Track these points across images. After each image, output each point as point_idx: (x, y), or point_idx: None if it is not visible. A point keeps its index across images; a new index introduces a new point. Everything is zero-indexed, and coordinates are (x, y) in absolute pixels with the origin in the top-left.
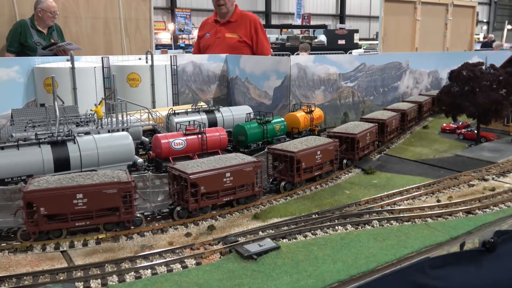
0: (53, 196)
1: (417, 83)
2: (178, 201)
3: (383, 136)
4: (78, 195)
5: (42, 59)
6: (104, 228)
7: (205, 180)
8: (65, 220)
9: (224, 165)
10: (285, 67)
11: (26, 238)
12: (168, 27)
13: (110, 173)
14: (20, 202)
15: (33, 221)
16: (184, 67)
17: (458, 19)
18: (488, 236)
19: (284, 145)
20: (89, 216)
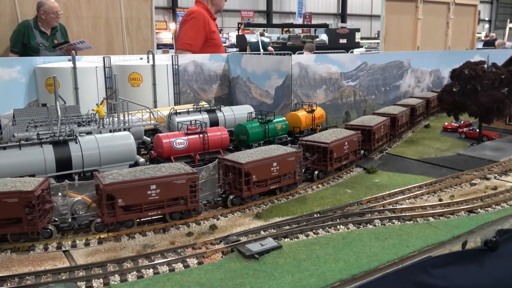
0: (130, 188)
1: (418, 82)
2: (231, 190)
3: (394, 129)
4: (152, 186)
5: (44, 59)
6: (171, 217)
7: (257, 169)
8: (139, 210)
9: (271, 155)
10: (286, 66)
11: (101, 229)
12: (170, 27)
13: (174, 165)
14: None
15: (112, 213)
16: (186, 66)
17: (460, 17)
18: (490, 235)
19: (315, 137)
20: (161, 206)
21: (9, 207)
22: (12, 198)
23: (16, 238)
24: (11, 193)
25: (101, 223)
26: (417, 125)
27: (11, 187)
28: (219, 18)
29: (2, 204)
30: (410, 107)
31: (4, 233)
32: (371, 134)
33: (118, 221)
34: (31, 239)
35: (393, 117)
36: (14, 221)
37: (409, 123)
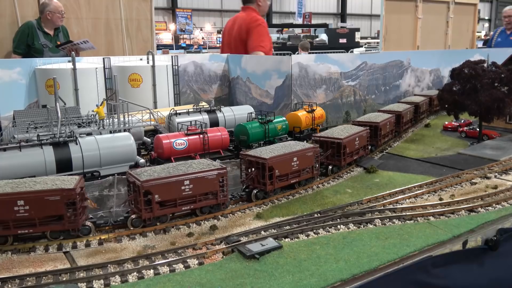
0: (166, 184)
1: (418, 82)
2: (254, 184)
3: (399, 126)
4: (186, 181)
5: (44, 60)
6: (201, 211)
7: (279, 164)
8: (174, 205)
9: (292, 150)
10: (286, 66)
11: (137, 225)
12: (169, 27)
13: (203, 161)
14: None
15: (148, 208)
16: (186, 67)
17: (460, 17)
18: (491, 234)
19: (327, 133)
20: (193, 200)
21: (51, 205)
22: (54, 196)
23: (55, 236)
24: (53, 191)
25: (137, 218)
26: (421, 122)
27: (52, 185)
28: (219, 19)
29: (44, 202)
30: (414, 105)
31: (45, 231)
32: (378, 130)
33: (155, 216)
34: (71, 236)
35: (398, 114)
36: (55, 218)
37: (413, 120)
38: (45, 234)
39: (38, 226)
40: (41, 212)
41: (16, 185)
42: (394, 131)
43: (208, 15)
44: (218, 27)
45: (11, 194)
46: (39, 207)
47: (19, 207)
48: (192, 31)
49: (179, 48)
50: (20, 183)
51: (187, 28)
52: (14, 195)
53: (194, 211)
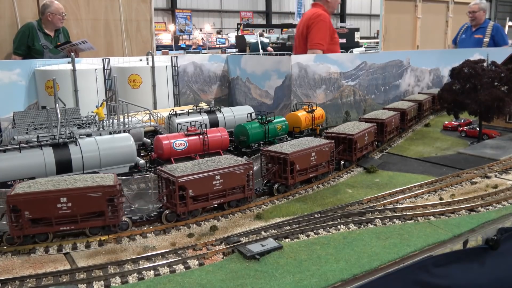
0: (199, 179)
1: (418, 81)
2: (275, 179)
3: (404, 123)
4: (217, 176)
5: (44, 61)
6: (229, 205)
7: (299, 159)
8: (206, 199)
9: (310, 146)
10: (286, 66)
11: (171, 219)
12: (169, 28)
13: (229, 157)
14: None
15: (183, 203)
16: (185, 67)
17: (459, 16)
18: (491, 233)
19: (338, 129)
20: (223, 194)
21: (93, 201)
22: (96, 192)
23: (95, 232)
24: (95, 187)
25: (172, 213)
26: (424, 119)
27: (92, 183)
28: (218, 19)
29: (86, 199)
30: (418, 102)
31: (86, 227)
32: (384, 127)
33: (189, 210)
34: (111, 232)
35: (403, 111)
36: (96, 215)
37: (416, 118)
38: (84, 231)
39: (80, 222)
40: (83, 209)
41: (58, 183)
42: (399, 128)
43: (208, 16)
44: (217, 27)
45: (55, 191)
46: (81, 204)
47: (62, 204)
48: (191, 32)
49: (178, 48)
50: (61, 181)
51: (187, 29)
52: (57, 192)
53: (223, 205)
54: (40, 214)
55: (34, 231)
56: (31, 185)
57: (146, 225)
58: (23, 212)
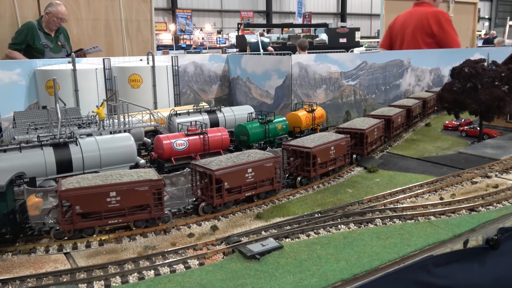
0: (234, 172)
1: (419, 81)
2: (298, 172)
3: (409, 119)
4: (249, 169)
5: (44, 61)
6: (258, 196)
7: (321, 153)
8: (239, 191)
9: (329, 140)
10: (286, 66)
11: (208, 211)
12: (169, 28)
13: (257, 151)
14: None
15: (219, 195)
16: (186, 67)
17: (460, 16)
18: (492, 233)
19: (350, 124)
20: (254, 187)
21: (140, 195)
22: (143, 186)
23: (139, 224)
24: (142, 181)
25: (208, 205)
26: (428, 116)
27: (137, 177)
28: (218, 19)
29: (134, 193)
30: (422, 100)
31: (132, 220)
32: (391, 123)
33: (224, 202)
34: (155, 224)
35: (408, 108)
36: (141, 208)
37: (421, 115)
38: (129, 224)
39: (127, 215)
40: (130, 202)
41: (105, 178)
42: (404, 124)
43: (208, 15)
44: (218, 27)
45: (105, 186)
46: (129, 198)
47: (111, 198)
48: (192, 32)
49: (179, 48)
50: (107, 176)
51: (187, 29)
52: (107, 186)
53: (253, 197)
54: (90, 209)
55: (84, 225)
56: (79, 180)
57: (184, 217)
58: (74, 206)
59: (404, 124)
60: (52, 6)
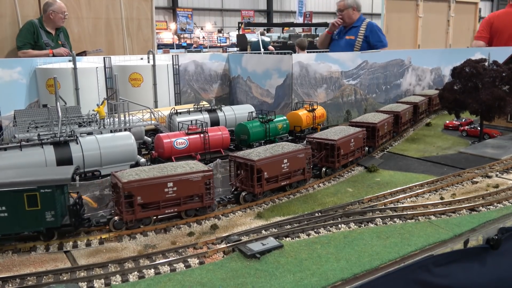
0: (272, 162)
1: (419, 80)
2: (322, 163)
3: (416, 116)
4: (285, 160)
5: (44, 59)
6: (291, 186)
7: (344, 144)
8: (276, 181)
9: (349, 133)
10: (287, 65)
11: (249, 200)
12: (170, 27)
13: (289, 144)
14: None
15: (259, 184)
16: (186, 66)
17: (461, 15)
18: (492, 233)
19: (362, 118)
20: (288, 176)
21: (193, 185)
22: (197, 176)
23: (190, 213)
24: (196, 172)
25: (249, 194)
26: (435, 113)
27: (190, 168)
28: (219, 18)
29: (188, 183)
30: (428, 97)
31: (187, 209)
32: (399, 118)
33: (264, 191)
34: (205, 212)
35: (415, 105)
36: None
37: (427, 111)
38: (180, 214)
39: (182, 205)
40: (185, 192)
41: (160, 170)
42: (411, 120)
43: (209, 14)
44: (218, 26)
45: (164, 177)
46: (184, 188)
47: (168, 188)
48: (192, 31)
49: (179, 47)
50: (162, 168)
51: (188, 28)
52: (166, 177)
53: (286, 186)
54: (150, 199)
55: (144, 215)
56: (137, 173)
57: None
58: (136, 197)
59: (411, 120)
60: (53, 4)
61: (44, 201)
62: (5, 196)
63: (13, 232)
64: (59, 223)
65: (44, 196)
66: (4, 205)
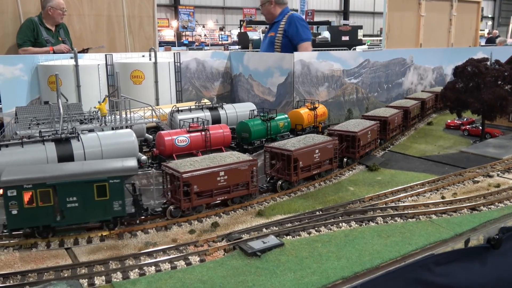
0: (306, 153)
1: (421, 79)
2: (344, 154)
3: (423, 111)
4: (316, 151)
5: (46, 56)
6: (319, 175)
7: (363, 136)
8: (308, 170)
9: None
10: (288, 63)
11: (286, 188)
12: (172, 24)
13: (320, 136)
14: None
15: (295, 173)
16: (188, 64)
17: (463, 14)
18: (493, 232)
19: (374, 112)
20: (319, 165)
21: (241, 174)
22: (244, 165)
23: (237, 200)
24: (244, 162)
25: (285, 182)
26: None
27: (237, 158)
28: (221, 16)
29: (237, 172)
30: (435, 94)
31: (235, 196)
32: (408, 113)
33: (299, 179)
34: (249, 199)
35: (423, 101)
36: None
37: (434, 107)
38: (227, 202)
39: (231, 192)
40: (234, 180)
41: (211, 160)
42: (419, 115)
43: (211, 12)
44: (220, 24)
45: (217, 166)
46: (234, 176)
47: (220, 177)
48: (194, 28)
49: (181, 45)
50: (212, 158)
51: (190, 25)
52: (218, 167)
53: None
54: (205, 187)
55: (199, 202)
56: (191, 163)
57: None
58: (193, 186)
59: (419, 115)
60: (52, 1)
61: (113, 191)
62: (77, 187)
63: (83, 221)
64: (125, 212)
65: (113, 187)
66: (75, 195)
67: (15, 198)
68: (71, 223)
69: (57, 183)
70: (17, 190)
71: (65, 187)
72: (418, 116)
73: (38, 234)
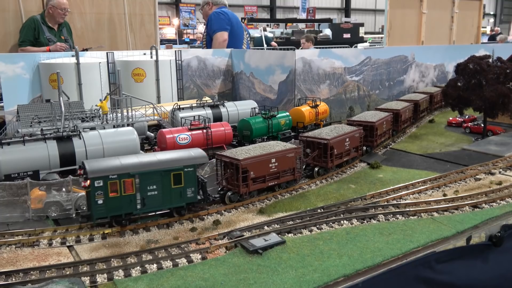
0: (339, 141)
1: (423, 77)
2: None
3: (431, 105)
4: (347, 139)
5: (47, 54)
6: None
7: (381, 126)
8: (341, 157)
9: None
10: (290, 61)
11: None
12: (173, 22)
13: (347, 126)
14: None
15: (331, 160)
16: (189, 62)
17: (465, 12)
18: (495, 230)
19: (387, 105)
20: (348, 153)
21: (289, 161)
22: (291, 153)
23: (284, 186)
24: (291, 149)
25: (321, 168)
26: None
27: (284, 146)
28: None
29: (285, 159)
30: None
31: (283, 182)
32: (418, 106)
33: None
34: (294, 184)
35: (431, 95)
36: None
37: (441, 101)
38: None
39: (280, 178)
40: (283, 167)
41: (262, 148)
42: (427, 108)
43: None
44: None
45: (269, 154)
46: (283, 163)
47: (272, 164)
48: (195, 26)
49: (182, 43)
50: (263, 147)
51: (191, 23)
52: (270, 154)
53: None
54: (259, 173)
55: (255, 187)
56: (246, 151)
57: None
58: (250, 172)
59: (427, 108)
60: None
61: (187, 179)
62: (156, 175)
63: (162, 208)
64: (196, 199)
65: (187, 175)
66: (155, 184)
67: (102, 188)
68: (150, 211)
69: (139, 173)
70: (104, 180)
71: (147, 176)
72: (427, 109)
73: (116, 223)
